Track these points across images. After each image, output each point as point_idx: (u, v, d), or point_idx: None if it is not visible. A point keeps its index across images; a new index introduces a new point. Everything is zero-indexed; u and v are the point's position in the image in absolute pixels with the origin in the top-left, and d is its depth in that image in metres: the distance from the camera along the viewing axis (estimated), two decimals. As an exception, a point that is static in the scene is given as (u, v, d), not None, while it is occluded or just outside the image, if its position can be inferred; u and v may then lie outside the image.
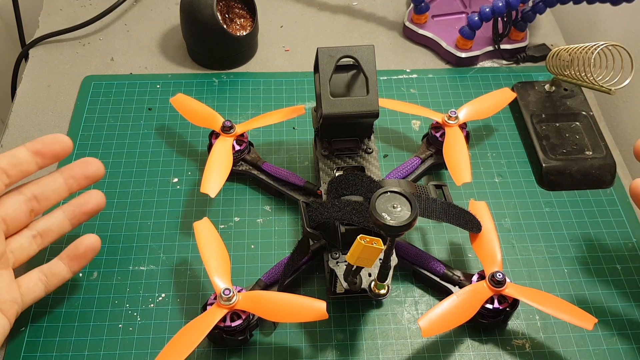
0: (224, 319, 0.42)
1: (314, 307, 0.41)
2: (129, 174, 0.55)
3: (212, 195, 0.48)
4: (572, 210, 0.54)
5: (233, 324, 0.42)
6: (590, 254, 0.51)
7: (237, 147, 0.53)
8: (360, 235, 0.35)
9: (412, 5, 0.66)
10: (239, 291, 0.42)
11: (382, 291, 0.41)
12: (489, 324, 0.45)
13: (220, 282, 0.42)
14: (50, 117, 0.59)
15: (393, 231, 0.34)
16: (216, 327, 0.42)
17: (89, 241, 0.45)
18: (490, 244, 0.46)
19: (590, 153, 0.56)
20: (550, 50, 0.61)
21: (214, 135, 0.53)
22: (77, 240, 0.45)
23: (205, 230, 0.45)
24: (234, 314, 0.42)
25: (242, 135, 0.53)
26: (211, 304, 0.42)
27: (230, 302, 0.41)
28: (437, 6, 0.69)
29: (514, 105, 0.60)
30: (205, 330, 0.40)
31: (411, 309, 0.47)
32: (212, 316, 0.41)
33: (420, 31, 0.67)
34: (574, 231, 0.52)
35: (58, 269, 0.44)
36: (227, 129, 0.52)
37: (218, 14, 0.59)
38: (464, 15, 0.69)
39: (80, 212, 0.45)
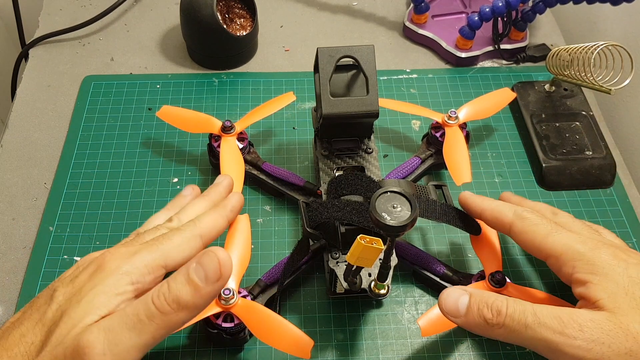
0: (217, 316, 0.41)
1: (301, 343, 0.40)
2: (129, 174, 0.55)
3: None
4: (572, 210, 0.53)
5: (224, 324, 0.41)
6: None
7: (241, 145, 0.52)
8: (360, 235, 0.35)
9: (412, 5, 0.66)
10: (243, 296, 0.42)
11: (382, 291, 0.41)
12: (489, 324, 0.45)
13: (230, 280, 0.42)
14: (50, 117, 0.59)
15: (393, 231, 0.34)
16: (215, 327, 0.42)
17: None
18: (491, 244, 0.46)
19: (590, 153, 0.56)
20: (550, 50, 0.61)
21: (213, 137, 0.53)
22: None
23: (239, 226, 0.45)
24: (229, 316, 0.42)
25: (241, 133, 0.53)
26: None
27: (227, 304, 0.41)
28: (437, 6, 0.69)
29: (514, 105, 0.60)
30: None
31: (411, 309, 0.47)
32: (206, 308, 0.41)
33: (420, 31, 0.67)
34: (574, 231, 0.52)
35: None
36: (228, 129, 0.52)
37: (218, 14, 0.59)
38: (464, 15, 0.69)
39: (233, 215, 0.44)
